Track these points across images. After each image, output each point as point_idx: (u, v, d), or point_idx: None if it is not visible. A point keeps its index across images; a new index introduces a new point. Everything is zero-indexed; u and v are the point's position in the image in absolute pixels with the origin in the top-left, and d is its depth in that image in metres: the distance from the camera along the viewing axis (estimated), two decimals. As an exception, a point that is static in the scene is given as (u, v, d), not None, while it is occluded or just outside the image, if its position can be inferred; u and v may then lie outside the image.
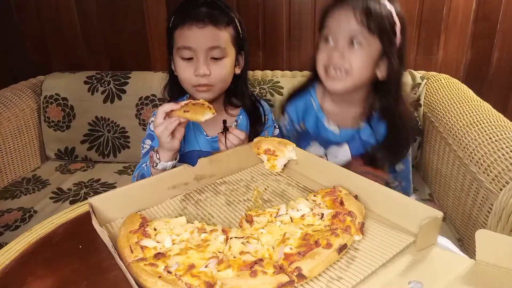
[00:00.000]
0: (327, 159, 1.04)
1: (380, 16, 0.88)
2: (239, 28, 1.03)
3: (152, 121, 1.11)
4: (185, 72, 0.98)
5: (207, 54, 0.96)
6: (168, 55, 1.05)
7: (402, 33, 0.91)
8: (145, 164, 0.97)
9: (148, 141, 1.04)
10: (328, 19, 0.92)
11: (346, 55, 0.89)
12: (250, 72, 1.51)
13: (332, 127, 1.02)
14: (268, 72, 1.53)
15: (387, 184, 0.99)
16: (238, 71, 1.05)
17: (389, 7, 0.90)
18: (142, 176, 0.94)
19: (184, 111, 0.79)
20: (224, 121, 0.92)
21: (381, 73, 0.92)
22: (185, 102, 0.81)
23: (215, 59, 0.97)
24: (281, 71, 1.53)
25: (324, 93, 1.02)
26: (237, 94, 1.08)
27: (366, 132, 0.98)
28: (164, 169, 0.86)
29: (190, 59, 0.97)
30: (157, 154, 0.87)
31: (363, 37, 0.88)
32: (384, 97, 0.95)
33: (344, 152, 1.02)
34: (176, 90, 1.08)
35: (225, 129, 0.91)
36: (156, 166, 0.88)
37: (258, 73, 1.52)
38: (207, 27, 0.95)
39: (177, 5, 1.01)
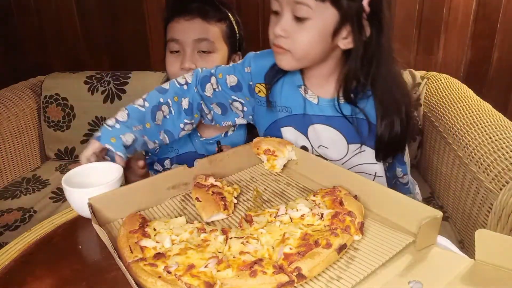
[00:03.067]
0: (312, 147, 0.85)
1: None
2: (235, 27, 1.02)
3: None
4: (172, 66, 0.98)
5: (194, 47, 0.95)
6: (164, 53, 1.05)
7: None
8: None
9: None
10: None
11: (289, 31, 0.72)
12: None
13: (310, 96, 0.83)
14: (268, 72, 1.53)
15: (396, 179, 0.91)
16: None
17: None
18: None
19: (196, 198, 0.66)
20: (218, 142, 0.91)
21: (344, 44, 0.74)
22: (210, 183, 0.68)
23: (203, 53, 0.96)
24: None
25: None
26: None
27: (347, 108, 0.80)
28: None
29: (177, 52, 0.96)
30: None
31: (308, 8, 0.69)
32: (356, 70, 0.76)
33: (330, 133, 0.82)
34: None
35: (219, 150, 0.91)
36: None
37: (258, 73, 1.52)
38: (194, 19, 0.94)
39: (172, 2, 1.02)
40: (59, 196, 1.38)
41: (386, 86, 0.77)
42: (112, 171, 0.71)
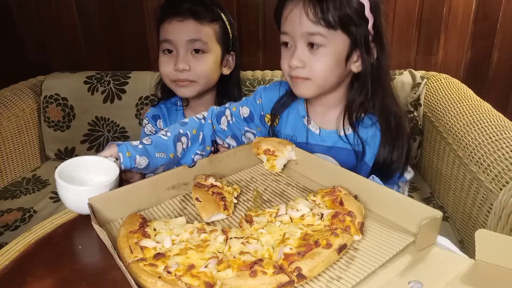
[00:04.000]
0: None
1: (339, 6, 0.73)
2: (228, 27, 1.02)
3: (145, 125, 1.08)
4: (165, 67, 0.98)
5: (187, 48, 0.96)
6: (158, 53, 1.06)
7: (374, 10, 0.76)
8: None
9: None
10: (282, 19, 0.79)
11: (306, 61, 0.76)
12: (249, 72, 1.51)
13: (312, 126, 0.87)
14: (268, 72, 1.53)
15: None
16: (226, 71, 1.05)
17: None
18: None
19: (196, 198, 0.66)
20: (214, 141, 0.92)
21: (356, 67, 0.79)
22: (210, 183, 0.69)
23: (196, 53, 0.97)
24: (281, 71, 1.53)
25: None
26: (229, 97, 1.07)
27: (351, 137, 0.84)
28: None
29: (170, 52, 0.97)
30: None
31: (322, 36, 0.74)
32: (362, 92, 0.80)
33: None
34: (166, 89, 1.08)
35: (216, 150, 0.91)
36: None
37: (258, 73, 1.52)
38: (187, 20, 0.95)
39: (164, 2, 1.02)
40: (59, 196, 1.37)
41: (386, 101, 0.81)
42: (107, 167, 0.69)
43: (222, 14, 1.02)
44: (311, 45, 0.76)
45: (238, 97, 1.07)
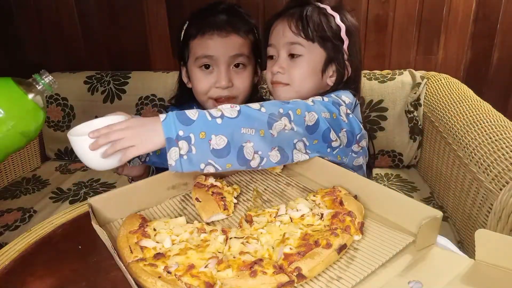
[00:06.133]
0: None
1: (318, 23, 0.83)
2: (257, 35, 0.98)
3: None
4: (203, 84, 0.93)
5: (229, 64, 0.92)
6: (179, 66, 1.01)
7: (349, 35, 0.86)
8: None
9: None
10: (270, 34, 0.89)
11: (286, 67, 0.85)
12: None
13: None
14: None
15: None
16: (255, 80, 1.01)
17: (330, 12, 0.85)
18: None
19: (196, 198, 0.66)
20: None
21: (332, 81, 0.88)
22: (210, 183, 0.69)
23: (237, 69, 0.93)
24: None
25: None
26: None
27: None
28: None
29: (209, 68, 0.92)
30: None
31: (301, 46, 0.84)
32: None
33: None
34: (185, 101, 1.03)
35: None
36: None
37: (258, 73, 1.52)
38: (230, 35, 0.91)
39: (194, 13, 0.96)
40: (59, 196, 1.38)
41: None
42: (116, 117, 0.71)
43: (253, 22, 0.97)
44: (291, 55, 0.86)
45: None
